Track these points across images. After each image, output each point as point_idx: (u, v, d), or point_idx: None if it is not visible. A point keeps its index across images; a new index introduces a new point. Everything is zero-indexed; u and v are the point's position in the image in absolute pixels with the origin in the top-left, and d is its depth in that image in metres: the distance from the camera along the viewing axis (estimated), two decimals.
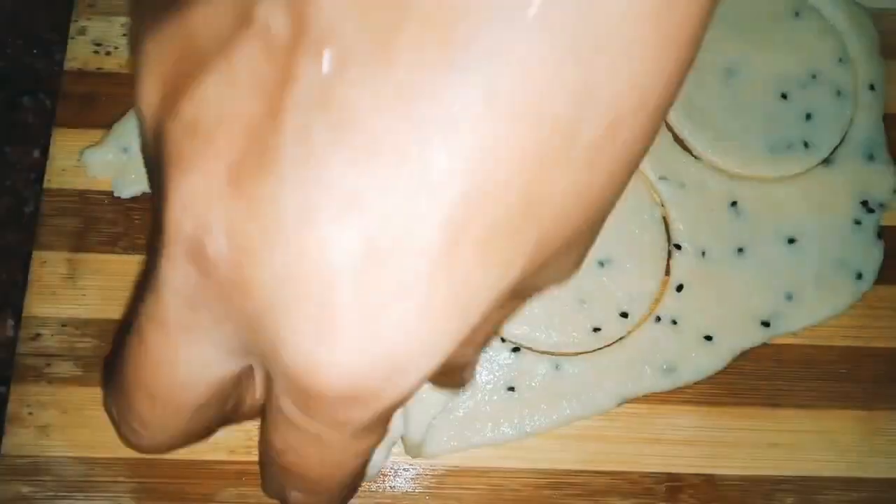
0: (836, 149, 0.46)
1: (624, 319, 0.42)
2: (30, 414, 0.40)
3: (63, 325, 0.42)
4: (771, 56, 0.48)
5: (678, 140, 0.46)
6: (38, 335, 0.42)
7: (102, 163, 0.44)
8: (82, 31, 0.46)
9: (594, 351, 0.42)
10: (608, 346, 0.42)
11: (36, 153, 0.47)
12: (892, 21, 0.50)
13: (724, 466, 0.42)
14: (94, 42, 0.46)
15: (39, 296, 0.42)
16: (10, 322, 0.45)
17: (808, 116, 0.47)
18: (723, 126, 0.46)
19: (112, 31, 0.46)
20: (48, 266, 0.43)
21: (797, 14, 0.49)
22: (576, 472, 0.41)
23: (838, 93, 0.47)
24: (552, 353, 0.42)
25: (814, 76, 0.48)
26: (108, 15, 0.47)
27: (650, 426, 0.42)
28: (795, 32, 0.48)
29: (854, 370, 0.44)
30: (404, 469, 0.41)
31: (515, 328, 0.42)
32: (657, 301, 0.43)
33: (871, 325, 0.44)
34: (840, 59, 0.48)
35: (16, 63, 0.49)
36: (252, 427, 0.41)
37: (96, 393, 0.41)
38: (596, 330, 0.42)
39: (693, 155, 0.46)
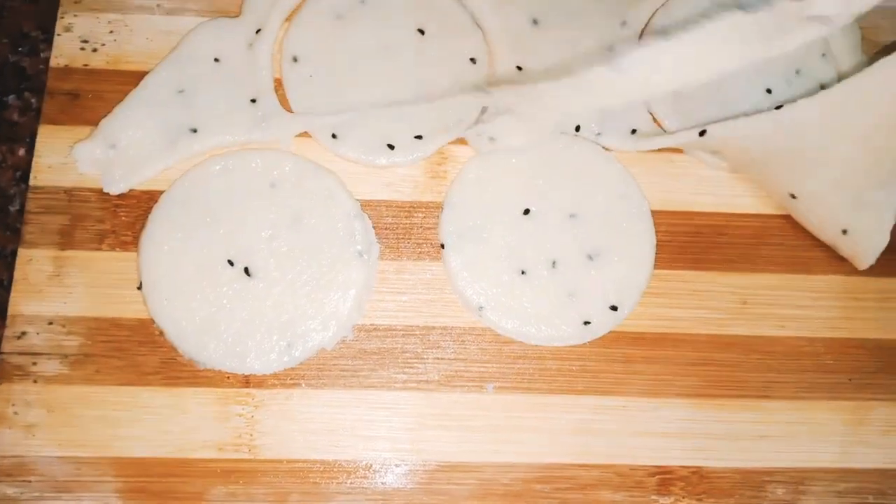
0: None
1: (613, 312, 0.43)
2: (15, 413, 0.40)
3: (49, 323, 0.41)
4: None
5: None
6: (24, 333, 0.41)
7: (91, 158, 0.43)
8: (69, 28, 0.46)
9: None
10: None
11: (21, 151, 0.47)
12: (874, 18, 0.50)
13: (713, 458, 0.42)
14: (81, 39, 0.46)
15: (25, 294, 0.42)
16: None
17: None
18: (708, 120, 0.46)
19: (99, 27, 0.46)
20: (34, 264, 0.42)
21: None
22: (566, 465, 0.41)
23: (822, 87, 0.48)
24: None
25: (798, 71, 0.48)
26: (94, 11, 0.46)
27: (639, 419, 0.42)
28: None
29: (841, 361, 0.44)
30: (395, 465, 0.41)
31: (507, 322, 0.42)
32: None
33: (856, 317, 0.45)
34: (823, 55, 0.49)
35: (2, 61, 0.49)
36: (240, 425, 0.40)
37: (83, 391, 0.40)
38: (586, 323, 0.42)
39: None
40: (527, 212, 0.44)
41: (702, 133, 0.44)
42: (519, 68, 0.46)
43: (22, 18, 0.49)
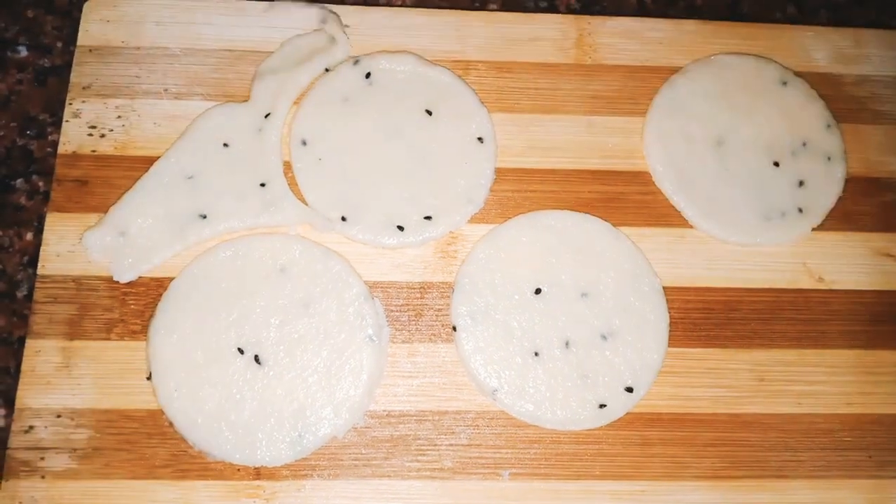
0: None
1: (629, 394, 0.42)
2: None
3: (57, 416, 0.41)
4: (761, 126, 0.48)
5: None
6: (31, 427, 0.40)
7: (101, 245, 0.43)
8: (77, 114, 0.46)
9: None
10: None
11: (28, 235, 0.47)
12: (874, 87, 0.51)
13: None
14: (89, 125, 0.46)
15: (33, 386, 0.41)
16: (2, 412, 0.43)
17: (801, 183, 0.47)
18: (716, 195, 0.46)
19: (107, 113, 0.46)
20: (42, 355, 0.42)
21: (784, 83, 0.50)
22: None
23: (828, 158, 0.48)
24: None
25: (804, 144, 0.48)
26: (102, 96, 0.47)
27: None
28: (783, 101, 0.49)
29: (859, 438, 0.43)
30: None
31: (521, 405, 0.42)
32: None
33: (872, 392, 0.44)
34: (828, 126, 0.49)
35: (10, 145, 0.49)
36: None
37: (91, 486, 0.40)
38: (602, 406, 0.42)
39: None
40: (538, 291, 0.44)
41: None
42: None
43: (30, 102, 0.50)
